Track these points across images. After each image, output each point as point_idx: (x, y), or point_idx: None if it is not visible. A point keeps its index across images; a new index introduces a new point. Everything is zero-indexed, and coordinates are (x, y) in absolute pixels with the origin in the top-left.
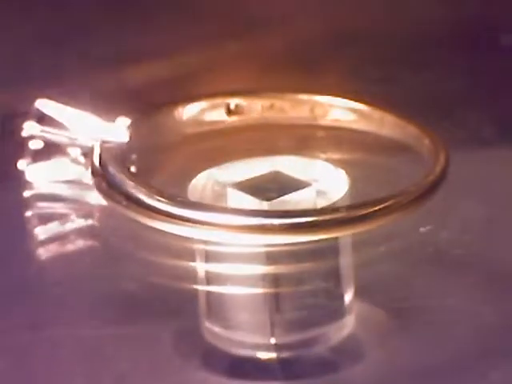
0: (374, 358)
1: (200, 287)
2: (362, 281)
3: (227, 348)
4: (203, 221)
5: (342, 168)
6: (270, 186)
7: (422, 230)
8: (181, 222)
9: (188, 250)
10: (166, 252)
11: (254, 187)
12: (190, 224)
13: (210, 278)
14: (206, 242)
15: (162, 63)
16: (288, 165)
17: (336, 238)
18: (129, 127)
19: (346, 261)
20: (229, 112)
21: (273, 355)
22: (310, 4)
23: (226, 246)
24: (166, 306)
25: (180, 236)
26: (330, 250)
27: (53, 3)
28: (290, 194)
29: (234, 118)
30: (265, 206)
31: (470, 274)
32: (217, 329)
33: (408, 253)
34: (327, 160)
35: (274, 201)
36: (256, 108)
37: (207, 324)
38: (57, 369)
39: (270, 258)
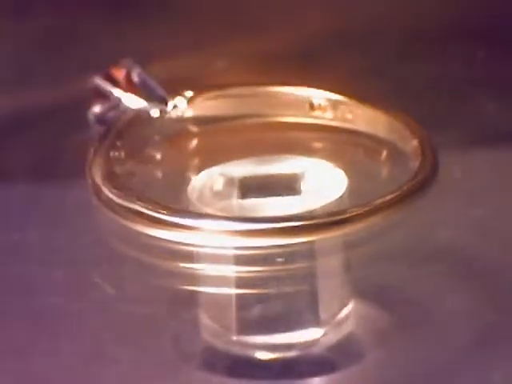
0: (373, 357)
1: (197, 288)
2: (360, 281)
3: (227, 348)
4: (181, 224)
5: (340, 168)
6: (261, 187)
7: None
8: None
9: (186, 252)
10: (162, 254)
11: (248, 186)
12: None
13: (205, 279)
14: (193, 245)
15: (162, 64)
16: (288, 164)
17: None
18: (190, 99)
19: (330, 263)
20: (311, 107)
21: (273, 355)
22: (310, 3)
23: (215, 249)
24: (165, 306)
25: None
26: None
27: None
28: (270, 198)
29: (317, 113)
30: (235, 204)
31: (468, 274)
32: (216, 329)
33: (406, 253)
34: (325, 160)
35: (246, 201)
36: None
37: (207, 324)
38: (57, 370)
39: (241, 259)
